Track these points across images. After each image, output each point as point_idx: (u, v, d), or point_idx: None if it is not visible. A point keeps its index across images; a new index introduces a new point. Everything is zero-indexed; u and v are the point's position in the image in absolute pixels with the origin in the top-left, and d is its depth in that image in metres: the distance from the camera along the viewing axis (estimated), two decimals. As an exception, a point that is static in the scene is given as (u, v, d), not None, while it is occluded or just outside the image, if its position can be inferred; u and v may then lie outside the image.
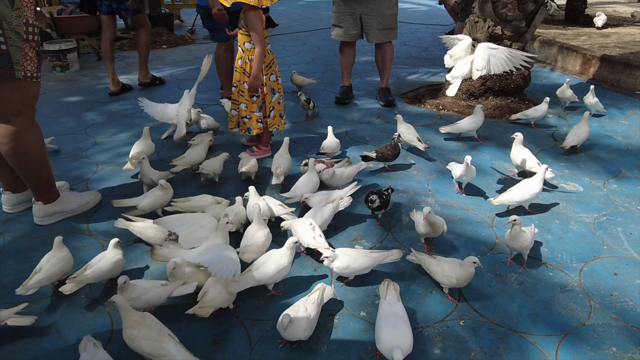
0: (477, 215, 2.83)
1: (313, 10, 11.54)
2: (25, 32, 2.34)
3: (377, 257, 2.23)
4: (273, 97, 3.38)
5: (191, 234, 2.35)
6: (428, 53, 7.05)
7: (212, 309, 1.99)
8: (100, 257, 2.23)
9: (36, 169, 2.62)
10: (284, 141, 3.20)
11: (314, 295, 1.97)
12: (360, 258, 2.19)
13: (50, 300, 2.18)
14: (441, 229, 2.44)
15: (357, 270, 2.20)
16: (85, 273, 2.16)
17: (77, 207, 2.83)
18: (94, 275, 2.16)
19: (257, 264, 2.14)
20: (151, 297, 1.99)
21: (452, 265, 2.15)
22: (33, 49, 2.41)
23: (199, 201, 2.69)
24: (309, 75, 5.78)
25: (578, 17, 7.76)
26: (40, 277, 2.13)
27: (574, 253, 2.50)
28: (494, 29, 4.35)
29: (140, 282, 2.07)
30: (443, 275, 2.14)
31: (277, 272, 2.11)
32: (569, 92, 4.45)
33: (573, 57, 6.01)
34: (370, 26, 4.52)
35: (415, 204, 2.95)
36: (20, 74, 2.38)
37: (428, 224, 2.40)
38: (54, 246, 2.21)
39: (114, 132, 4.07)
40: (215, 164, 3.13)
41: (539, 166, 3.00)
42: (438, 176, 3.30)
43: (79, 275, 2.15)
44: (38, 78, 2.48)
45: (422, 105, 4.72)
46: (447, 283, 2.14)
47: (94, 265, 2.20)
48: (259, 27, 3.11)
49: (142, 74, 5.40)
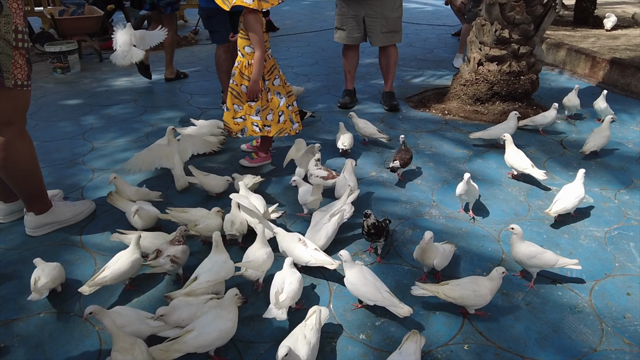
0: (483, 228, 2.73)
1: (317, 10, 11.42)
2: (14, 39, 2.26)
3: (387, 299, 2.04)
4: (281, 101, 3.27)
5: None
6: (434, 55, 6.93)
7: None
8: (117, 258, 2.18)
9: (27, 180, 2.54)
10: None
11: (311, 320, 1.86)
12: (370, 288, 2.06)
13: (38, 318, 2.10)
14: (432, 262, 2.26)
15: (361, 296, 2.10)
16: (104, 275, 2.11)
17: (70, 217, 2.75)
18: (112, 276, 2.12)
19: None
20: (132, 332, 1.84)
21: (481, 283, 2.04)
22: (23, 57, 2.33)
23: (194, 214, 2.59)
24: (312, 78, 5.71)
25: (587, 18, 7.61)
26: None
27: (584, 270, 2.39)
28: (501, 32, 4.24)
29: (124, 310, 1.95)
30: (477, 296, 2.01)
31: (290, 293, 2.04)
32: (577, 101, 4.26)
33: (582, 59, 5.87)
34: (373, 29, 4.41)
35: (419, 215, 2.85)
36: (10, 82, 2.30)
37: (420, 251, 2.24)
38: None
39: (112, 137, 3.99)
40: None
41: (532, 167, 3.09)
42: (443, 186, 3.20)
43: (97, 277, 2.10)
44: (29, 86, 2.40)
45: (427, 110, 4.61)
46: (482, 303, 2.03)
47: (111, 266, 2.15)
48: (258, 29, 3.02)
49: (168, 70, 5.70)
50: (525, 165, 3.13)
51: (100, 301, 2.17)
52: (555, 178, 3.30)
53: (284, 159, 3.25)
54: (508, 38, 4.25)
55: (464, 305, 2.06)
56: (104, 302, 2.18)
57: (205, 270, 2.12)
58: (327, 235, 2.45)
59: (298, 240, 2.33)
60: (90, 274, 2.36)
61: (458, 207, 2.92)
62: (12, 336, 2.00)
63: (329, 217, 2.50)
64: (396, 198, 3.04)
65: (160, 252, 2.25)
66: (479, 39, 4.42)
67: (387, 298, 2.04)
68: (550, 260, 2.25)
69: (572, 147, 3.79)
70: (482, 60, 4.39)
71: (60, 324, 2.06)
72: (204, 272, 2.11)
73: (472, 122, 4.29)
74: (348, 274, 2.10)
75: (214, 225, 2.48)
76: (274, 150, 3.65)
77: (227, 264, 2.16)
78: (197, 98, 5.00)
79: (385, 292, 2.06)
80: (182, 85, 5.47)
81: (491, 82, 4.35)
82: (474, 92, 4.46)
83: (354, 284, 2.07)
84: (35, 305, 2.15)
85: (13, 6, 2.23)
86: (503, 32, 4.23)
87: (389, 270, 2.39)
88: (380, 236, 2.39)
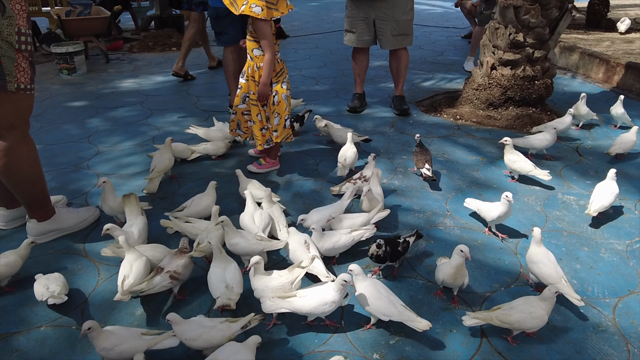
0: (499, 240, 2.63)
1: (325, 12, 11.34)
2: (17, 41, 2.19)
3: (403, 314, 1.96)
4: (287, 107, 3.20)
5: None
6: (444, 58, 6.83)
7: None
8: (128, 265, 2.12)
9: (30, 186, 2.47)
10: (348, 136, 3.28)
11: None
12: (384, 302, 1.97)
13: (38, 332, 2.02)
14: (463, 280, 2.16)
15: (375, 311, 1.99)
16: (130, 281, 2.06)
17: (74, 224, 2.68)
18: (137, 279, 2.09)
19: (301, 292, 2.01)
20: (127, 349, 1.77)
21: (535, 303, 1.93)
22: (26, 59, 2.26)
23: (198, 228, 2.50)
24: (321, 81, 5.63)
25: (600, 22, 7.48)
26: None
27: (607, 286, 2.29)
28: (516, 35, 4.13)
29: (116, 329, 1.86)
30: (534, 318, 1.90)
31: (318, 306, 1.95)
32: (585, 110, 4.07)
33: (596, 64, 5.76)
34: (384, 32, 4.32)
35: (432, 225, 2.76)
36: (13, 86, 2.23)
37: (455, 271, 2.11)
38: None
39: (117, 141, 3.92)
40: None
41: (535, 169, 3.07)
42: (457, 194, 3.10)
43: (125, 287, 2.05)
44: (32, 90, 2.33)
45: (439, 115, 4.51)
46: (540, 325, 1.93)
47: (129, 274, 2.09)
48: (267, 32, 2.94)
49: (178, 65, 5.59)
50: (528, 168, 3.10)
51: (103, 314, 2.10)
52: (573, 187, 3.20)
53: (291, 164, 3.17)
54: (522, 42, 4.15)
55: (520, 330, 1.94)
56: (107, 315, 2.10)
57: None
58: (336, 244, 2.36)
59: (304, 243, 2.30)
60: (93, 284, 2.29)
61: (473, 218, 2.82)
62: (11, 351, 1.92)
63: (349, 231, 2.41)
64: (409, 207, 2.94)
65: (160, 269, 2.13)
66: (493, 43, 4.32)
67: (403, 312, 1.95)
68: None
69: (589, 155, 3.68)
70: (496, 64, 4.29)
71: (62, 339, 1.98)
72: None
73: (484, 127, 4.19)
74: (359, 287, 2.01)
75: (216, 239, 2.32)
76: (281, 155, 3.57)
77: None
78: (204, 101, 4.93)
79: (400, 306, 1.97)
80: (189, 88, 5.40)
81: (505, 86, 4.25)
82: (486, 97, 4.36)
83: (367, 299, 1.98)
84: (35, 318, 2.08)
85: (16, 7, 2.16)
86: (517, 36, 4.13)
87: (402, 284, 2.30)
88: (394, 260, 2.30)
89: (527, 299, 1.99)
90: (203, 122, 4.19)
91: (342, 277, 1.94)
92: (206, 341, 1.82)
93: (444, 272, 2.11)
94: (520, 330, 1.94)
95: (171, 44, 7.54)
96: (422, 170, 3.16)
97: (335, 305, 1.95)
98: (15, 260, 2.23)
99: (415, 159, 3.28)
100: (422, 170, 3.17)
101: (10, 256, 2.23)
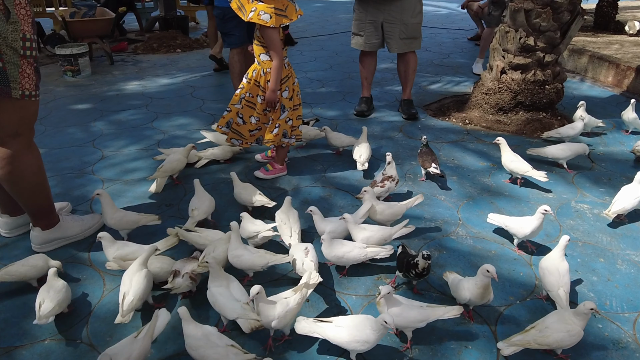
0: (514, 250, 2.57)
1: (330, 13, 11.28)
2: (22, 47, 2.14)
3: (435, 312, 1.92)
4: (282, 114, 3.14)
5: None
6: (450, 60, 6.76)
7: None
8: (128, 280, 2.04)
9: (34, 194, 2.42)
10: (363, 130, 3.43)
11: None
12: (415, 311, 1.91)
13: (42, 346, 1.97)
14: (489, 297, 2.04)
15: (411, 321, 1.91)
16: (129, 299, 1.98)
17: (79, 232, 2.63)
18: (137, 297, 1.99)
19: (338, 321, 1.89)
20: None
21: (569, 319, 1.86)
22: (31, 66, 2.21)
23: (205, 237, 2.42)
24: (327, 84, 5.57)
25: (608, 24, 7.41)
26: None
27: (625, 300, 2.23)
28: (526, 39, 4.06)
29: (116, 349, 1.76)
30: (571, 336, 1.83)
31: (351, 342, 1.81)
32: (587, 118, 3.93)
33: (605, 67, 5.69)
34: (392, 35, 4.26)
35: (444, 235, 2.70)
36: (18, 92, 2.18)
37: (483, 290, 1.99)
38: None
39: (122, 145, 3.87)
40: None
41: (532, 170, 3.07)
42: (468, 202, 3.04)
43: (125, 306, 1.96)
44: (37, 97, 2.28)
45: (447, 119, 4.45)
46: (576, 341, 1.85)
47: (129, 289, 2.00)
48: (276, 40, 2.89)
49: (216, 49, 5.99)
50: (525, 169, 3.10)
51: (109, 327, 2.05)
52: (586, 195, 3.13)
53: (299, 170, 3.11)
54: (533, 46, 4.08)
55: (559, 348, 1.87)
56: (113, 328, 2.04)
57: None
58: (346, 255, 2.28)
59: (304, 249, 2.26)
60: (98, 295, 2.23)
61: (486, 227, 2.76)
62: (15, 365, 1.88)
63: (365, 246, 2.34)
64: (419, 215, 2.88)
65: (177, 272, 2.14)
66: (503, 47, 4.26)
67: (434, 310, 1.93)
68: None
69: (601, 161, 3.62)
70: (506, 68, 4.23)
71: (66, 353, 1.93)
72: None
73: (494, 132, 4.13)
74: (391, 311, 1.87)
75: (222, 254, 2.26)
76: (288, 161, 3.51)
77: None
78: (210, 104, 4.88)
79: (427, 307, 1.95)
80: (194, 91, 5.34)
81: (515, 91, 4.18)
82: (496, 101, 4.29)
83: (399, 315, 1.87)
84: (39, 331, 2.02)
85: (21, 13, 2.11)
86: (528, 40, 4.06)
87: (416, 297, 2.23)
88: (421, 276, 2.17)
89: (559, 314, 1.90)
90: (208, 126, 4.13)
91: (382, 317, 1.75)
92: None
93: (472, 292, 2.01)
94: (558, 348, 1.87)
95: (176, 46, 7.50)
96: (430, 169, 3.13)
97: (369, 346, 1.79)
98: None
99: (421, 159, 3.22)
100: (430, 169, 3.13)
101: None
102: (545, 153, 3.42)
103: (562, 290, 2.07)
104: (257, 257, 2.25)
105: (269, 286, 2.25)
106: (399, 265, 2.21)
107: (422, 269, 2.09)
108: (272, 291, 2.23)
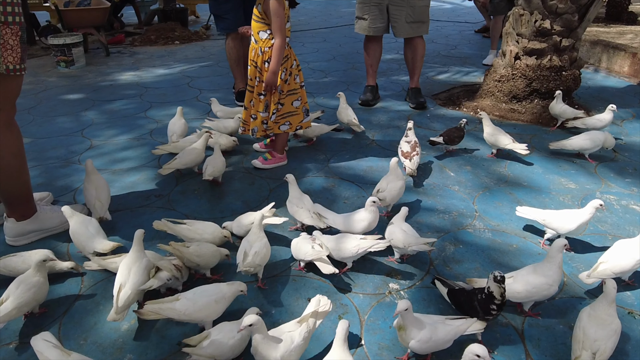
0: (536, 244, 2.32)
1: (333, 7, 11.06)
2: (2, 12, 1.89)
3: (459, 327, 1.66)
4: (278, 100, 2.91)
5: None
6: (458, 51, 6.52)
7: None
8: (126, 269, 1.82)
9: (10, 177, 2.18)
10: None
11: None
12: (439, 329, 1.63)
13: (7, 350, 1.73)
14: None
15: (440, 346, 1.64)
16: (125, 292, 1.77)
17: (58, 224, 2.39)
18: (134, 289, 1.79)
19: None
20: None
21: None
22: (15, 35, 1.96)
23: (194, 231, 2.17)
24: (330, 74, 5.34)
25: (621, 14, 7.17)
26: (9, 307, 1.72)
27: (663, 299, 1.98)
28: (542, 23, 3.81)
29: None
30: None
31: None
32: (560, 108, 3.64)
33: (620, 57, 5.44)
34: (398, 18, 4.02)
35: (460, 227, 2.45)
36: (2, 67, 1.94)
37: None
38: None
39: (112, 135, 3.64)
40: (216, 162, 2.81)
41: (513, 142, 3.08)
42: (484, 193, 2.79)
43: (119, 298, 1.75)
44: (22, 70, 2.02)
45: (458, 108, 4.21)
46: None
47: (126, 280, 1.79)
48: (281, 13, 2.65)
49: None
50: (506, 142, 3.10)
51: (83, 329, 1.81)
52: (611, 185, 2.89)
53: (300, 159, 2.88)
54: (549, 29, 3.83)
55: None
56: (88, 330, 1.81)
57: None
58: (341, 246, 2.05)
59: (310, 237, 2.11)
60: (75, 293, 2.00)
61: (505, 219, 2.52)
62: (-25, 372, 1.65)
63: (359, 237, 2.11)
64: (432, 207, 2.64)
65: (159, 268, 1.91)
66: (517, 31, 4.01)
67: (458, 326, 1.66)
68: None
69: (624, 151, 3.37)
70: (520, 53, 3.98)
71: (34, 359, 1.69)
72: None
73: (508, 121, 3.88)
74: (422, 336, 1.59)
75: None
76: (288, 149, 3.28)
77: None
78: (207, 94, 4.64)
79: (447, 321, 1.68)
80: (191, 81, 5.11)
81: (529, 77, 3.93)
82: (510, 89, 4.04)
83: (428, 341, 1.60)
84: (4, 333, 1.79)
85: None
86: (544, 23, 3.81)
87: (430, 296, 1.99)
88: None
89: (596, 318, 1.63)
90: (204, 116, 3.90)
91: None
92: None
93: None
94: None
95: (174, 38, 7.27)
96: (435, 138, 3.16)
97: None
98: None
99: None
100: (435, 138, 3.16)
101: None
102: (571, 145, 3.16)
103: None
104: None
105: (269, 282, 2.02)
106: (472, 312, 1.72)
107: (500, 297, 1.65)
108: (272, 290, 2.00)
